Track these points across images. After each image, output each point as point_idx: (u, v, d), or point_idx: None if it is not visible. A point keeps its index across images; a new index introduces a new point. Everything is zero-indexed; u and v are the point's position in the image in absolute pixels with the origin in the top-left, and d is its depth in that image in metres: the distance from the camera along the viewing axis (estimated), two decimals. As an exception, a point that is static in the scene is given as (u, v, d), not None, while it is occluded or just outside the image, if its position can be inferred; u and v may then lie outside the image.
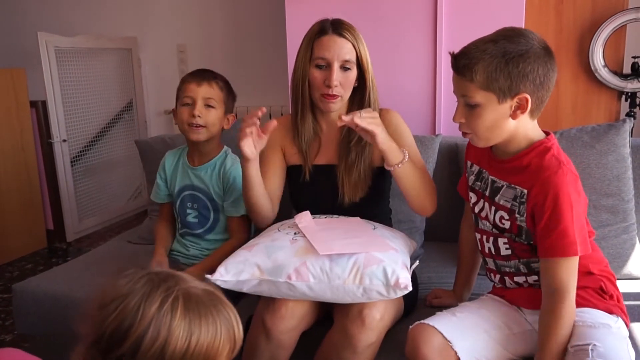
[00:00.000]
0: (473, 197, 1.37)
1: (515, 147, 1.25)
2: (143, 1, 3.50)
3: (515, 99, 1.16)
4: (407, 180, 1.46)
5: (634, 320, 1.40)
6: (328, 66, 1.49)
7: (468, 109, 1.21)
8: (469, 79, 1.17)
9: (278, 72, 2.95)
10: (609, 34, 2.37)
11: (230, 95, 1.72)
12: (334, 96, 1.50)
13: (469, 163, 1.42)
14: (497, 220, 1.29)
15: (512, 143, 1.24)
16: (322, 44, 1.49)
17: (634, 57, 2.42)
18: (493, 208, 1.29)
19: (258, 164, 1.49)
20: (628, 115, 2.44)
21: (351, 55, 1.49)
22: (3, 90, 3.09)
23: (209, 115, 1.65)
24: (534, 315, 1.28)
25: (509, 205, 1.25)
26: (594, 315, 1.21)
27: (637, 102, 2.46)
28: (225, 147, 1.79)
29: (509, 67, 1.14)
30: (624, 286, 1.57)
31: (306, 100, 1.55)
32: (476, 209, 1.36)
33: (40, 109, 3.24)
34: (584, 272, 1.24)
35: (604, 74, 2.41)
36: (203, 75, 1.67)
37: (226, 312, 0.79)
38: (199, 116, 1.63)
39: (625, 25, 2.37)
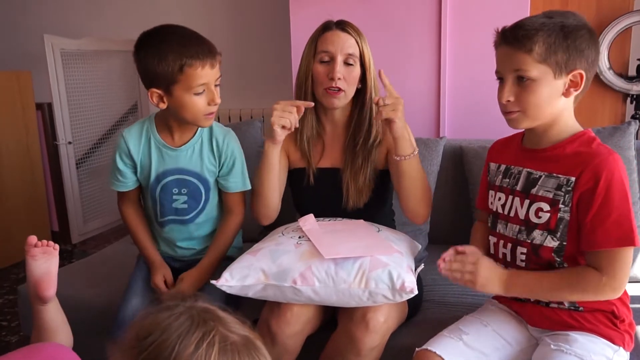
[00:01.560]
0: (501, 198, 1.30)
1: (555, 135, 1.20)
2: (148, 3, 3.51)
3: (570, 75, 1.14)
4: (410, 176, 1.46)
5: (639, 324, 1.39)
6: (332, 60, 1.50)
7: (519, 86, 1.16)
8: (528, 50, 1.12)
9: (282, 74, 2.96)
10: (614, 36, 2.36)
11: None
12: (338, 91, 1.50)
13: (492, 165, 1.36)
14: (531, 214, 1.21)
15: (553, 129, 1.20)
16: (325, 39, 1.51)
17: (639, 60, 2.41)
18: (527, 202, 1.22)
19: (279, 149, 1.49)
20: (633, 117, 2.43)
21: (354, 50, 1.50)
22: (9, 93, 3.11)
23: (219, 96, 1.44)
24: (538, 333, 1.25)
25: (550, 195, 1.18)
26: (591, 348, 1.15)
27: (643, 105, 2.45)
28: None
29: (567, 41, 1.11)
30: (628, 289, 1.56)
31: (308, 98, 1.55)
32: (503, 210, 1.29)
33: (45, 111, 3.25)
34: None
35: (609, 76, 2.40)
36: (211, 52, 1.39)
37: None
38: (219, 101, 1.42)
39: (631, 27, 2.37)
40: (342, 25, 1.52)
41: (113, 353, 0.77)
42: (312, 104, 1.48)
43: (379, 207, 1.62)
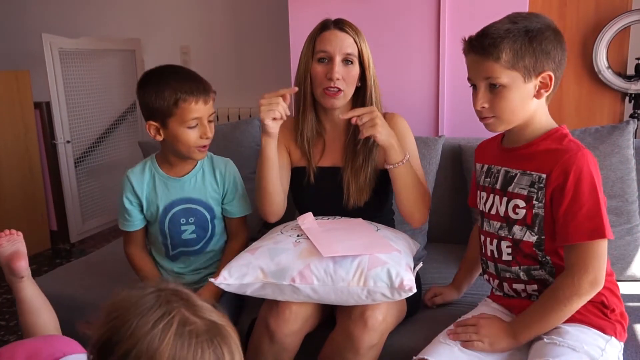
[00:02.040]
0: (483, 196, 1.34)
1: (529, 133, 1.23)
2: (146, 3, 3.51)
3: (540, 78, 1.16)
4: (402, 182, 1.47)
5: (637, 321, 1.40)
6: (330, 60, 1.49)
7: (491, 92, 1.19)
8: (495, 59, 1.14)
9: (281, 73, 2.96)
10: (612, 35, 2.36)
11: None
12: (337, 91, 1.49)
13: (478, 166, 1.40)
14: (510, 211, 1.25)
15: (528, 128, 1.23)
16: (324, 38, 1.51)
17: (638, 59, 2.41)
18: (505, 199, 1.26)
19: (277, 142, 1.50)
20: (632, 116, 2.44)
21: (353, 49, 1.50)
22: (7, 92, 3.10)
23: (213, 130, 1.52)
24: None
25: (525, 192, 1.21)
26: (583, 339, 1.16)
27: (641, 104, 2.45)
28: None
29: (533, 45, 1.14)
30: (627, 288, 1.57)
31: (308, 97, 1.55)
32: (485, 208, 1.33)
33: (44, 110, 3.25)
34: None
35: (608, 75, 2.41)
36: (205, 90, 1.48)
37: (221, 350, 0.75)
38: (211, 136, 1.51)
39: (629, 26, 2.37)
40: (340, 25, 1.52)
41: (88, 326, 0.77)
42: (296, 89, 1.49)
43: (379, 206, 1.62)
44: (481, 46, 1.17)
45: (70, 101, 3.26)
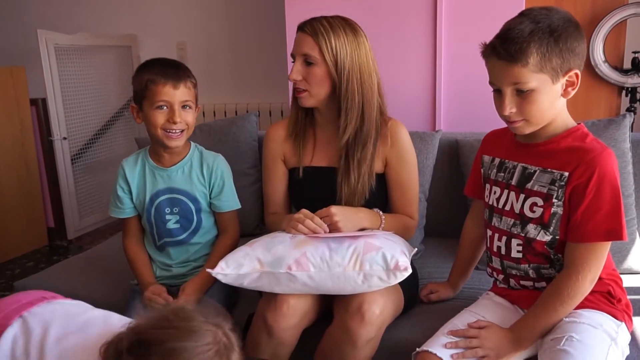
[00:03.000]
0: (496, 191, 1.32)
1: (551, 130, 1.21)
2: (142, -2, 3.50)
3: (567, 77, 1.14)
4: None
5: (635, 314, 1.40)
6: (295, 61, 1.50)
7: (519, 97, 1.15)
8: (523, 64, 1.11)
9: (278, 69, 2.95)
10: (609, 29, 2.36)
11: (197, 86, 1.59)
12: (301, 91, 1.49)
13: (485, 158, 1.38)
14: (526, 208, 1.23)
15: (550, 125, 1.21)
16: (294, 41, 1.51)
17: (634, 52, 2.42)
18: (522, 196, 1.24)
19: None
20: (628, 110, 2.44)
21: (309, 50, 1.46)
22: (3, 88, 3.09)
23: (187, 117, 1.52)
24: None
25: (545, 190, 1.20)
26: (597, 319, 1.18)
27: (638, 97, 2.46)
28: (191, 141, 1.66)
29: (559, 45, 1.11)
30: (624, 280, 1.58)
31: (294, 93, 1.55)
32: (498, 203, 1.30)
33: (40, 106, 3.24)
34: None
35: (604, 69, 2.41)
36: (177, 75, 1.51)
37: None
38: (179, 122, 1.50)
39: (626, 20, 2.37)
40: (303, 26, 1.49)
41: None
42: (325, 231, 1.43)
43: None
44: (507, 52, 1.12)
45: (66, 97, 3.25)
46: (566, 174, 1.16)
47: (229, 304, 1.59)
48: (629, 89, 2.45)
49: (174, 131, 1.51)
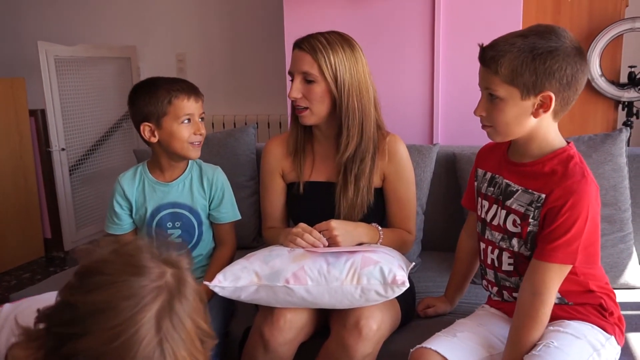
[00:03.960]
0: (485, 205, 1.34)
1: (535, 149, 1.23)
2: (142, 10, 3.51)
3: (539, 97, 1.14)
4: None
5: (630, 330, 1.40)
6: (294, 80, 1.50)
7: (490, 102, 1.19)
8: (494, 72, 1.15)
9: (276, 81, 2.96)
10: (605, 43, 2.38)
11: None
12: (303, 109, 1.49)
13: (479, 171, 1.40)
14: (508, 224, 1.26)
15: (532, 144, 1.22)
16: (291, 59, 1.51)
17: (631, 67, 2.43)
18: (504, 212, 1.27)
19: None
20: (625, 124, 2.45)
21: (309, 68, 1.46)
22: (2, 99, 3.10)
23: (204, 128, 1.60)
24: None
25: (522, 210, 1.22)
26: (585, 331, 1.19)
27: (634, 112, 2.47)
28: None
29: (535, 63, 1.12)
30: (620, 296, 1.57)
31: (293, 113, 1.56)
32: (488, 217, 1.33)
33: (39, 117, 3.24)
34: (584, 290, 1.24)
35: (601, 83, 2.42)
36: (194, 89, 1.58)
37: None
38: (204, 132, 1.58)
39: (622, 35, 2.39)
40: (300, 43, 1.50)
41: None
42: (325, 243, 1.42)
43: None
44: (484, 57, 1.18)
45: (65, 109, 3.26)
46: (543, 196, 1.19)
47: (226, 317, 1.59)
48: (626, 103, 2.46)
49: (198, 142, 1.57)
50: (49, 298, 0.81)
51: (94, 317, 0.69)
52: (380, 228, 1.52)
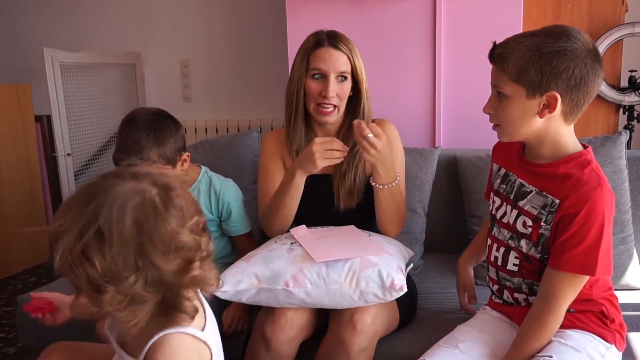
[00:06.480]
0: (497, 201, 1.33)
1: (547, 152, 1.21)
2: (146, 17, 3.55)
3: (545, 97, 1.13)
4: (383, 204, 1.51)
5: (631, 330, 1.41)
6: (324, 77, 1.53)
7: (498, 100, 1.19)
8: (501, 69, 1.15)
9: (280, 86, 2.97)
10: (605, 48, 2.39)
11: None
12: (332, 109, 1.54)
13: (495, 166, 1.39)
14: (518, 224, 1.25)
15: (543, 147, 1.21)
16: (318, 56, 1.53)
17: (631, 71, 2.44)
18: (515, 212, 1.26)
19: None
20: (626, 128, 2.46)
21: (346, 67, 1.53)
22: (8, 105, 3.13)
23: None
24: None
25: (535, 212, 1.21)
26: (585, 342, 1.18)
27: (635, 115, 2.48)
28: (201, 166, 1.75)
29: (541, 62, 1.11)
30: (621, 297, 1.58)
31: (300, 110, 1.58)
32: (498, 214, 1.32)
33: (44, 123, 3.28)
34: (587, 298, 1.22)
35: (602, 87, 2.43)
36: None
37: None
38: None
39: (622, 39, 2.40)
40: (334, 42, 1.53)
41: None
42: (348, 149, 1.45)
43: (372, 211, 1.63)
44: (492, 54, 1.18)
45: (70, 114, 3.28)
46: (557, 201, 1.17)
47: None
48: (626, 107, 2.47)
49: None
50: None
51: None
52: (398, 174, 1.52)
